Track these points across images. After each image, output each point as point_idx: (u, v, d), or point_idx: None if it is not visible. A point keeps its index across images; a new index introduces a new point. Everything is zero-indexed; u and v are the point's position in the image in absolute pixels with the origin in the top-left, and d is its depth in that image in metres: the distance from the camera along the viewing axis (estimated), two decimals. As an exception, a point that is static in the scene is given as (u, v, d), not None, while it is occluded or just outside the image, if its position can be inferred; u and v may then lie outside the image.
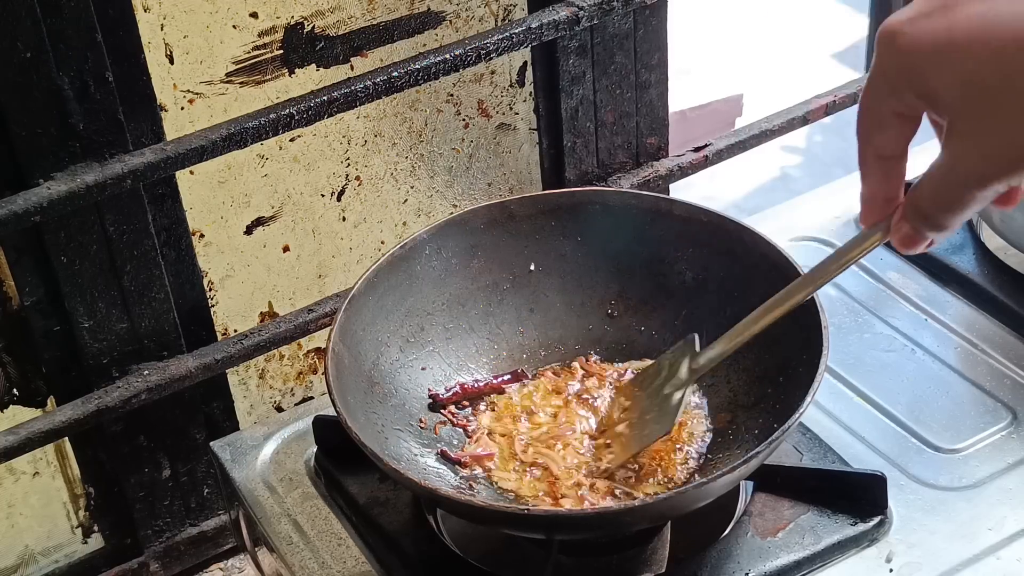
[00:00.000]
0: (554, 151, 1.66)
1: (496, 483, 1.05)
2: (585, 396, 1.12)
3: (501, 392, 1.14)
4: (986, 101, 0.70)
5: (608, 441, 1.06)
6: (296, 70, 1.45)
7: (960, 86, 0.70)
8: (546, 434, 1.09)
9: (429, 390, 1.12)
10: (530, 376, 1.15)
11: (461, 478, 1.05)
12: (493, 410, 1.12)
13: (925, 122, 0.78)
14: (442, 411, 1.11)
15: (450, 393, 1.12)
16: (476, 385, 1.13)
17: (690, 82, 2.60)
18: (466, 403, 1.13)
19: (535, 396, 1.13)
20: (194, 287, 1.48)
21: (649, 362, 1.13)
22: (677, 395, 1.01)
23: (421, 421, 1.10)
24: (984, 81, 0.69)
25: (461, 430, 1.10)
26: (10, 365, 1.43)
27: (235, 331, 1.54)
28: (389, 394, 1.09)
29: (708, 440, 1.07)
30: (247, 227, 1.50)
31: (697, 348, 1.02)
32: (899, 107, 0.75)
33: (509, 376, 1.15)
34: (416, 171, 1.59)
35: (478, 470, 1.07)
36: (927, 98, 0.73)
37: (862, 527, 1.03)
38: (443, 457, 1.07)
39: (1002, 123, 0.69)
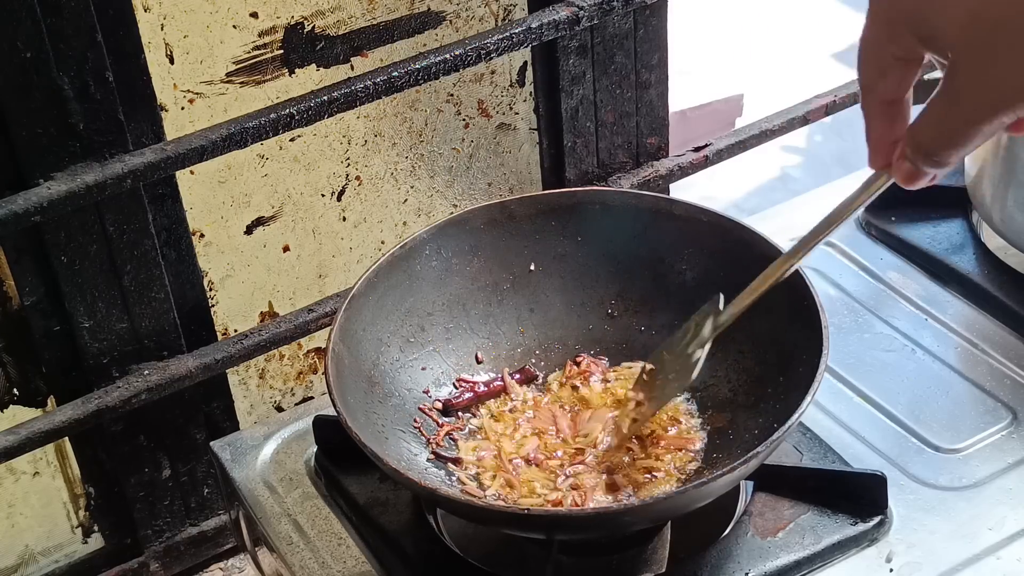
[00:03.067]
0: (554, 151, 1.66)
1: (487, 485, 1.05)
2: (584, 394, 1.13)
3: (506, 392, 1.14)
4: (991, 35, 0.70)
5: (636, 402, 1.07)
6: (296, 70, 1.45)
7: (964, 22, 0.70)
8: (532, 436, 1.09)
9: (435, 398, 1.12)
10: (541, 378, 1.16)
11: (455, 479, 1.05)
12: (490, 415, 1.13)
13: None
14: (430, 413, 1.11)
15: (462, 397, 1.12)
16: (488, 387, 1.14)
17: (690, 82, 2.59)
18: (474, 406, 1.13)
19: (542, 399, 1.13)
20: (194, 287, 1.48)
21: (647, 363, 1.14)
22: (697, 353, 1.02)
23: (415, 421, 1.10)
24: (989, 15, 0.69)
25: (458, 431, 1.11)
26: (10, 365, 1.43)
27: (235, 331, 1.54)
28: (389, 394, 1.09)
29: (705, 440, 1.07)
30: (247, 227, 1.51)
31: (721, 307, 1.02)
32: (900, 51, 0.76)
33: (519, 376, 1.15)
34: (416, 171, 1.59)
35: (472, 470, 1.07)
36: (928, 38, 0.73)
37: (862, 527, 1.03)
38: (437, 458, 1.07)
39: (1008, 55, 0.70)
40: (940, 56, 0.74)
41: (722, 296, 1.03)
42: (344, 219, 1.57)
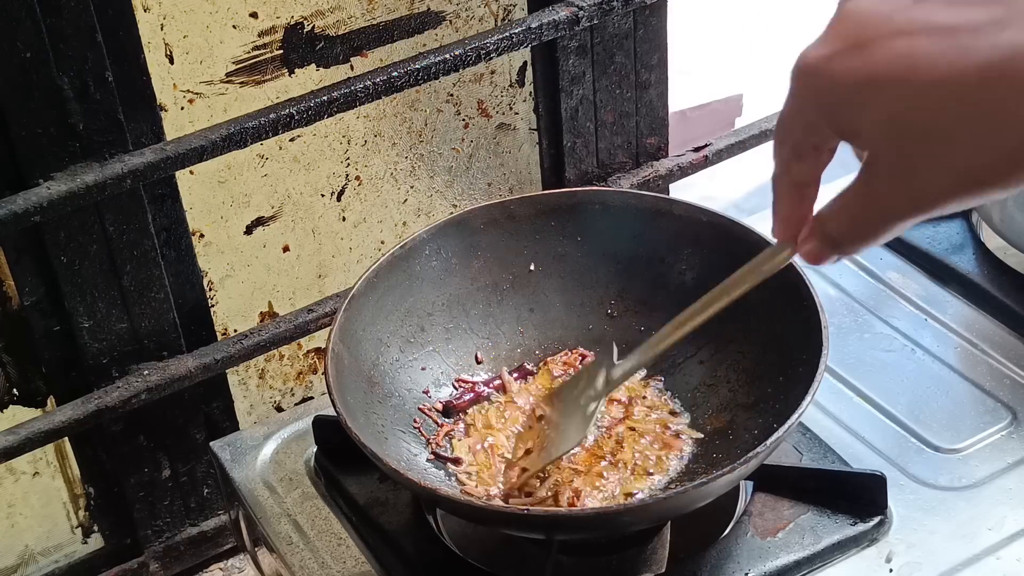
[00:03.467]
0: (554, 151, 1.66)
1: (484, 483, 1.05)
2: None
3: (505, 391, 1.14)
4: (911, 140, 0.69)
5: (527, 449, 1.06)
6: (296, 70, 1.45)
7: (884, 124, 0.69)
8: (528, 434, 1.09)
9: (435, 398, 1.12)
10: (534, 369, 1.15)
11: (455, 479, 1.05)
12: (486, 411, 1.13)
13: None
14: (430, 413, 1.11)
15: (463, 398, 1.12)
16: (486, 386, 1.14)
17: (690, 82, 2.59)
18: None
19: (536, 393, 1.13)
20: (194, 287, 1.48)
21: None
22: (591, 407, 1.01)
23: (415, 421, 1.10)
24: (909, 120, 0.68)
25: (456, 430, 1.11)
26: (10, 365, 1.43)
27: (235, 331, 1.54)
28: (389, 394, 1.09)
29: (693, 444, 1.07)
30: (247, 227, 1.51)
31: (615, 359, 1.02)
32: (817, 140, 0.76)
33: (516, 373, 1.15)
34: (416, 171, 1.59)
35: (470, 469, 1.07)
36: (847, 134, 0.73)
37: (862, 527, 1.03)
38: (437, 458, 1.07)
39: (927, 161, 0.69)
40: (859, 149, 0.74)
41: (615, 348, 1.03)
42: (344, 219, 1.57)
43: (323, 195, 1.54)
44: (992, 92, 0.64)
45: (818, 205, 0.79)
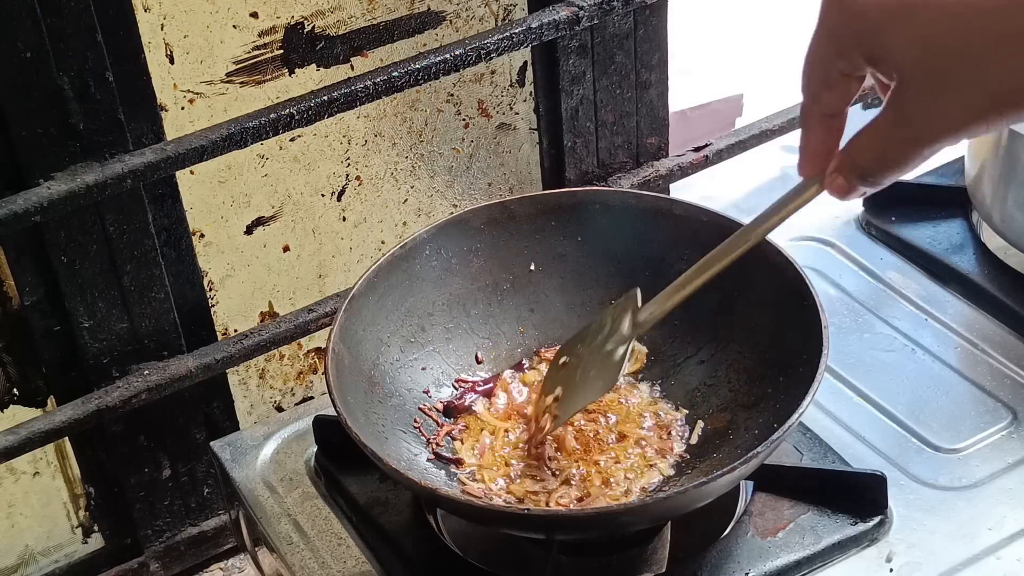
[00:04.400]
0: (554, 151, 1.66)
1: (487, 482, 1.05)
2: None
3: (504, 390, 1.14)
4: (943, 62, 0.70)
5: (552, 400, 1.06)
6: (296, 70, 1.45)
7: (916, 49, 0.71)
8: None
9: (436, 398, 1.12)
10: (526, 364, 1.15)
11: (455, 479, 1.06)
12: (488, 409, 1.13)
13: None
14: (430, 413, 1.11)
15: (464, 398, 1.12)
16: (487, 386, 1.14)
17: (690, 82, 2.59)
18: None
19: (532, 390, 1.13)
20: (194, 287, 1.48)
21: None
22: (620, 350, 1.00)
23: (415, 421, 1.10)
24: (941, 44, 0.70)
25: (456, 430, 1.11)
26: (10, 365, 1.43)
27: (235, 331, 1.54)
28: (389, 394, 1.09)
29: (695, 442, 1.07)
30: (247, 227, 1.51)
31: (639, 303, 1.01)
32: (847, 67, 0.77)
33: (518, 374, 1.15)
34: (416, 171, 1.59)
35: (472, 470, 1.07)
36: (879, 60, 0.74)
37: (862, 527, 1.03)
38: (437, 458, 1.07)
39: (958, 85, 0.70)
40: (886, 78, 0.75)
41: (638, 291, 1.02)
42: (344, 219, 1.57)
43: (323, 195, 1.54)
44: None
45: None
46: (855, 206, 1.36)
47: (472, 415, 1.12)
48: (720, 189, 2.56)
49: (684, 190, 1.85)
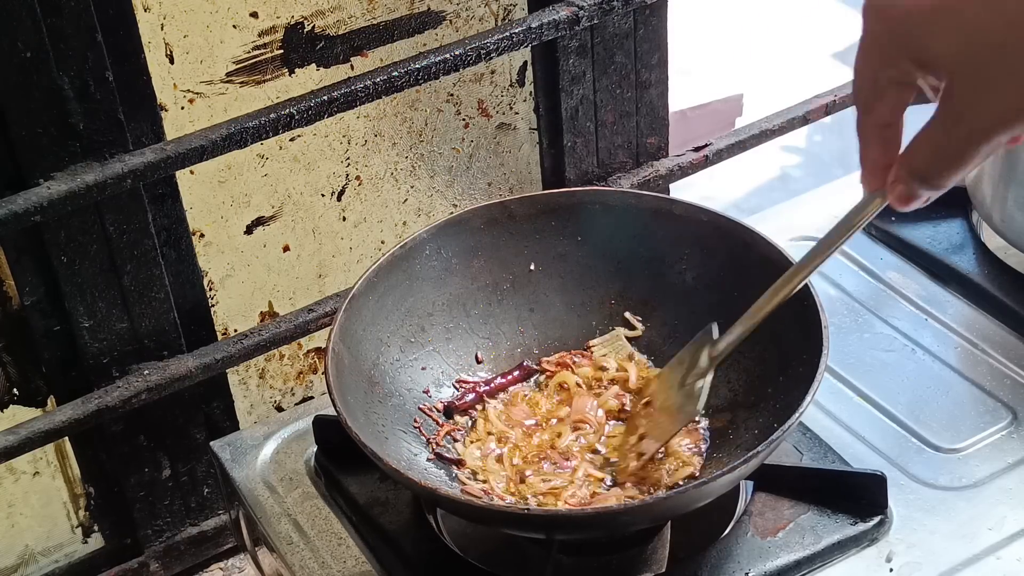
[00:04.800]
0: (554, 151, 1.66)
1: (489, 482, 1.05)
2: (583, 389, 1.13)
3: (504, 390, 1.14)
4: (988, 54, 0.71)
5: (637, 437, 1.07)
6: (296, 70, 1.45)
7: (961, 43, 0.71)
8: (542, 441, 1.09)
9: (436, 398, 1.12)
10: (535, 366, 1.16)
11: (455, 478, 1.06)
12: (493, 410, 1.13)
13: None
14: (430, 413, 1.11)
15: (465, 399, 1.12)
16: (490, 387, 1.14)
17: (690, 82, 2.59)
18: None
19: (539, 398, 1.13)
20: (194, 287, 1.48)
21: (645, 359, 1.14)
22: (700, 383, 1.02)
23: (415, 421, 1.10)
24: (985, 34, 0.70)
25: (458, 431, 1.11)
26: (10, 365, 1.43)
27: (235, 331, 1.54)
28: (389, 394, 1.09)
29: (707, 440, 1.07)
30: (247, 227, 1.50)
31: (715, 336, 1.03)
32: (896, 75, 0.77)
33: (518, 372, 1.15)
34: (416, 171, 1.59)
35: (472, 470, 1.07)
36: (925, 62, 0.74)
37: (862, 527, 1.03)
38: (439, 459, 1.07)
39: (1005, 78, 0.71)
40: (936, 79, 0.75)
41: (716, 325, 1.03)
42: (344, 219, 1.57)
43: (323, 195, 1.54)
44: None
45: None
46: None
47: (478, 415, 1.12)
48: (720, 189, 2.57)
49: (684, 190, 1.85)
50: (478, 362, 1.16)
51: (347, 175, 1.55)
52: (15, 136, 1.28)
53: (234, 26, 1.39)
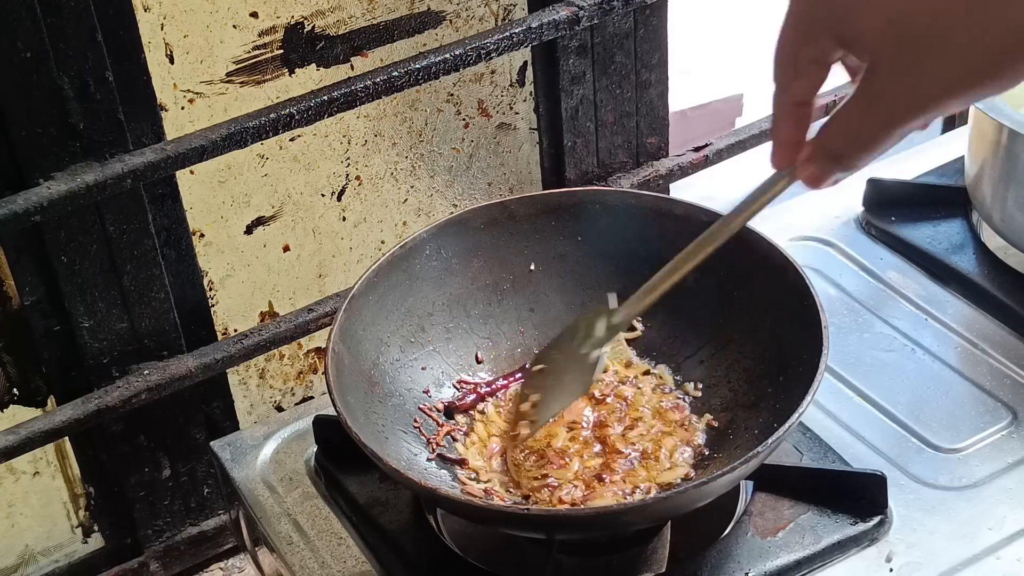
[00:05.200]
0: (554, 151, 1.66)
1: (488, 482, 1.05)
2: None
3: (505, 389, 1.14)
4: (911, 40, 0.71)
5: (528, 407, 1.06)
6: (296, 70, 1.45)
7: (885, 26, 0.72)
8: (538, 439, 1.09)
9: (436, 398, 1.12)
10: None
11: (455, 478, 1.06)
12: (493, 410, 1.13)
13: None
14: (430, 413, 1.11)
15: (466, 399, 1.12)
16: (490, 387, 1.14)
17: (690, 82, 2.59)
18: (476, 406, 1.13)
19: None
20: (194, 287, 1.48)
21: (645, 361, 1.14)
22: (595, 353, 1.01)
23: (415, 421, 1.10)
24: (908, 21, 0.71)
25: (458, 431, 1.11)
26: (10, 365, 1.43)
27: (235, 331, 1.54)
28: (389, 394, 1.09)
29: (704, 440, 1.07)
30: (247, 227, 1.51)
31: (613, 306, 1.02)
32: (816, 54, 0.77)
33: (519, 374, 1.15)
34: (416, 171, 1.59)
35: (472, 470, 1.07)
36: (848, 42, 0.75)
37: (862, 527, 1.03)
38: (441, 459, 1.07)
39: (925, 62, 0.71)
40: (858, 60, 0.75)
41: (614, 295, 1.03)
42: (344, 219, 1.57)
43: (323, 195, 1.54)
44: None
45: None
46: (855, 206, 1.36)
47: (478, 416, 1.12)
48: (720, 189, 2.56)
49: (684, 190, 1.85)
50: (478, 362, 1.16)
51: (347, 175, 1.55)
52: (15, 136, 1.28)
53: (234, 26, 1.39)
